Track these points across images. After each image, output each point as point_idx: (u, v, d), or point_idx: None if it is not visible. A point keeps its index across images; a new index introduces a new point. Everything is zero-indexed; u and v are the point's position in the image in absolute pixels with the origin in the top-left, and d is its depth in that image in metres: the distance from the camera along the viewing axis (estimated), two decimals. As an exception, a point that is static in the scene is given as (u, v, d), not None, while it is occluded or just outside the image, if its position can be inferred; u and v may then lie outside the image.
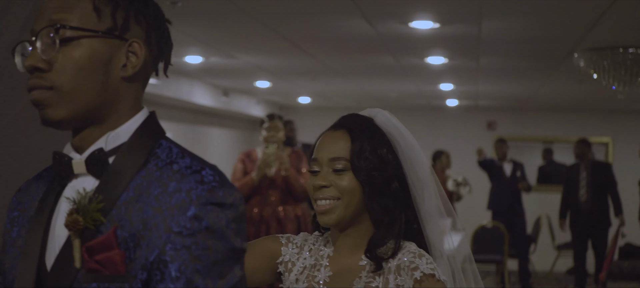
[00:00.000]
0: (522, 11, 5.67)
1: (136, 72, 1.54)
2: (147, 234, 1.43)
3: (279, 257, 2.20)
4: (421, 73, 9.39)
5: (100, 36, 1.51)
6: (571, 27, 6.18)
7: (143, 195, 1.46)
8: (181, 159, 1.49)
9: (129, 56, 1.53)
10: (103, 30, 1.51)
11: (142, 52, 1.54)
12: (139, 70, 1.54)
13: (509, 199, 11.00)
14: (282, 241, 2.22)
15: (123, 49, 1.53)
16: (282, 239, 2.22)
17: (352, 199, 2.08)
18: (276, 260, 2.20)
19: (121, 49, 1.53)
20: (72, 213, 1.46)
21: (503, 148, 11.24)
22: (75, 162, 1.52)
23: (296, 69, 9.33)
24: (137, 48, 1.53)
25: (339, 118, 2.21)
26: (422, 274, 2.03)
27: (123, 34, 1.52)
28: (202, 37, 7.05)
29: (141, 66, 1.54)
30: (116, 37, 1.52)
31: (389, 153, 2.12)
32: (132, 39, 1.53)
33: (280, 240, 2.22)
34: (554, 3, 5.39)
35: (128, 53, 1.53)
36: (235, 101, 12.08)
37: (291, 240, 2.23)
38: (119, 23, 1.52)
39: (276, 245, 2.21)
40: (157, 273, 1.42)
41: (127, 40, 1.53)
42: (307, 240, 2.23)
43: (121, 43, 1.53)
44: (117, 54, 1.52)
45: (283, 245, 2.21)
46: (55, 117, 1.51)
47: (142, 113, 1.58)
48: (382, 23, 6.19)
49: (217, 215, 1.43)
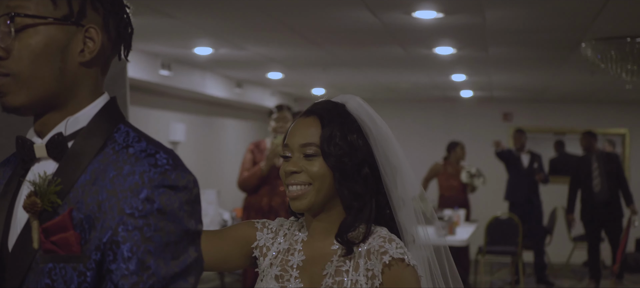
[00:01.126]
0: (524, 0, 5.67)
1: (93, 57, 1.56)
2: (101, 216, 1.47)
3: (254, 241, 2.23)
4: (431, 63, 9.39)
5: (56, 23, 1.53)
6: (576, 17, 6.17)
7: (99, 178, 1.50)
8: (137, 143, 1.53)
9: (86, 42, 1.56)
10: (59, 17, 1.54)
11: (98, 38, 1.56)
12: (96, 56, 1.57)
13: (526, 190, 10.97)
14: (257, 226, 2.25)
15: (80, 35, 1.55)
16: (258, 224, 2.25)
17: (322, 185, 2.10)
18: (251, 245, 2.23)
19: (78, 35, 1.55)
20: (30, 195, 1.50)
21: (521, 139, 11.19)
22: (36, 146, 1.56)
23: (307, 60, 9.35)
24: (93, 34, 1.56)
25: (312, 104, 2.23)
26: (391, 258, 2.05)
27: (79, 21, 1.55)
28: (211, 28, 7.09)
29: (98, 51, 1.57)
30: (72, 23, 1.54)
31: (359, 139, 2.13)
32: (89, 25, 1.56)
33: (256, 225, 2.25)
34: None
35: (85, 39, 1.56)
36: (249, 92, 12.12)
37: (266, 225, 2.25)
38: (75, 10, 1.55)
39: (251, 230, 2.24)
40: (110, 253, 1.45)
41: (83, 26, 1.55)
42: (283, 225, 2.26)
43: (78, 29, 1.55)
44: (74, 40, 1.55)
45: (258, 230, 2.24)
46: (14, 103, 1.55)
47: (103, 98, 1.61)
48: (386, 13, 6.20)
49: (169, 197, 1.46)
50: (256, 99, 12.50)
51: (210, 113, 11.84)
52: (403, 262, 2.06)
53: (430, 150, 13.18)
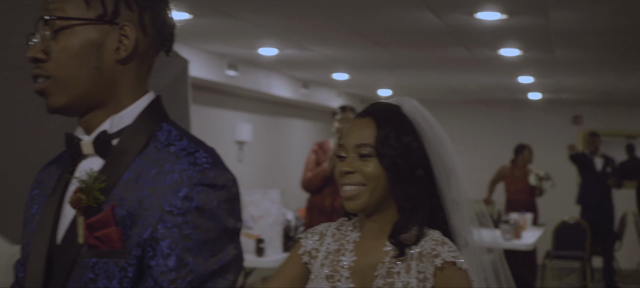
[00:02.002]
0: (589, 1, 5.59)
1: (129, 54, 1.59)
2: (142, 213, 1.50)
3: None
4: (497, 65, 9.31)
5: (91, 23, 1.57)
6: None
7: (141, 175, 1.53)
8: (178, 141, 1.56)
9: (122, 40, 1.59)
10: (93, 18, 1.57)
11: (133, 35, 1.59)
12: (131, 53, 1.60)
13: (599, 195, 10.79)
14: (301, 237, 2.29)
15: (115, 34, 1.59)
16: (301, 235, 2.29)
17: (377, 185, 2.12)
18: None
19: (113, 34, 1.58)
20: (76, 191, 1.55)
21: (595, 142, 10.99)
22: (83, 143, 1.61)
23: (372, 61, 9.35)
24: (128, 31, 1.59)
25: (367, 105, 2.25)
26: (443, 261, 2.06)
27: (114, 19, 1.58)
28: (275, 29, 7.14)
29: (133, 49, 1.59)
30: (106, 22, 1.58)
31: (413, 141, 2.14)
32: (123, 23, 1.59)
33: (300, 238, 2.29)
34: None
35: (120, 37, 1.59)
36: (315, 93, 12.16)
37: (310, 232, 2.29)
38: (109, 9, 1.58)
39: (298, 245, 2.27)
40: (150, 250, 1.49)
41: (118, 24, 1.58)
42: (330, 226, 2.28)
43: (112, 28, 1.58)
44: (109, 39, 1.58)
45: (302, 238, 2.28)
46: (56, 105, 1.60)
47: (147, 97, 1.64)
48: (449, 14, 6.19)
49: (207, 195, 1.49)
50: (322, 99, 12.53)
51: (276, 113, 11.91)
52: (455, 265, 2.06)
53: (497, 153, 13.06)
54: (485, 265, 2.27)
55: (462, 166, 2.24)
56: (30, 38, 1.61)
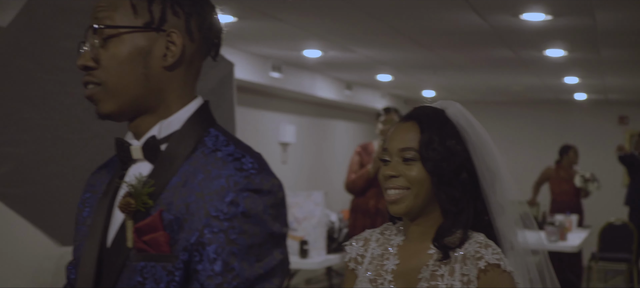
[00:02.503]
0: (636, 1, 5.55)
1: (176, 60, 1.62)
2: (189, 217, 1.52)
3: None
4: (542, 66, 9.26)
5: (138, 30, 1.60)
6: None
7: (189, 180, 1.55)
8: (225, 147, 1.58)
9: (169, 46, 1.61)
10: (140, 25, 1.60)
11: (180, 41, 1.62)
12: (178, 59, 1.62)
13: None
14: (346, 245, 2.31)
15: (162, 41, 1.61)
16: (346, 244, 2.31)
17: (421, 189, 2.13)
18: None
19: (160, 41, 1.61)
20: (125, 196, 1.58)
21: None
22: (133, 148, 1.64)
23: (416, 62, 9.34)
24: (175, 38, 1.61)
25: (411, 109, 2.26)
26: (486, 264, 2.06)
27: (160, 26, 1.61)
28: (319, 31, 7.17)
29: (180, 55, 1.62)
30: (153, 29, 1.61)
31: (457, 145, 2.15)
32: (170, 30, 1.61)
33: (345, 247, 2.30)
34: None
35: (167, 43, 1.61)
36: (359, 94, 12.16)
37: (354, 238, 2.31)
38: (156, 16, 1.61)
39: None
40: (196, 254, 1.51)
41: (165, 31, 1.61)
42: (374, 232, 2.30)
43: (159, 35, 1.61)
44: (157, 46, 1.61)
45: (347, 246, 2.30)
46: (105, 111, 1.63)
47: (195, 102, 1.67)
48: (493, 16, 6.18)
49: (253, 200, 1.51)
50: (366, 101, 12.53)
51: (320, 115, 11.93)
52: (499, 267, 2.07)
53: (542, 154, 12.97)
54: (530, 267, 2.27)
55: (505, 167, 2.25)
56: (81, 46, 1.64)
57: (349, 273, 2.28)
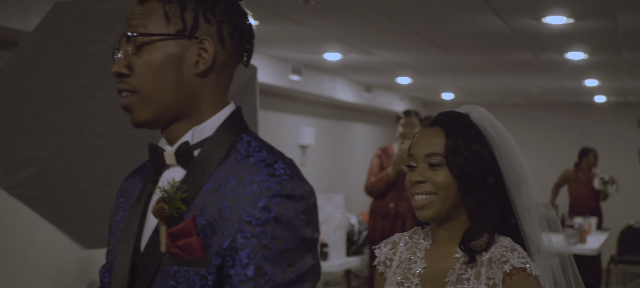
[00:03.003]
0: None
1: (208, 67, 1.63)
2: (222, 223, 1.54)
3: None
4: (562, 69, 9.24)
5: (171, 38, 1.62)
6: None
7: (222, 186, 1.57)
8: (257, 153, 1.59)
9: (201, 53, 1.63)
10: (173, 33, 1.62)
11: (212, 48, 1.63)
12: (210, 66, 1.63)
13: None
14: (375, 248, 2.32)
15: (194, 48, 1.62)
16: (375, 248, 2.33)
17: (447, 194, 2.14)
18: None
19: (192, 48, 1.62)
20: (159, 201, 1.60)
21: None
22: (166, 154, 1.65)
23: (436, 65, 9.34)
24: (207, 45, 1.62)
25: (436, 115, 2.28)
26: (511, 267, 2.07)
27: (193, 33, 1.62)
28: (339, 34, 7.18)
29: (212, 61, 1.63)
30: (185, 37, 1.62)
31: (483, 149, 2.16)
32: (202, 37, 1.63)
33: (375, 250, 2.32)
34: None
35: (200, 50, 1.63)
36: (378, 97, 12.17)
37: (383, 242, 2.32)
38: (188, 24, 1.62)
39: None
40: (229, 259, 1.53)
41: (197, 38, 1.62)
42: (403, 235, 2.31)
43: (192, 42, 1.62)
44: (189, 53, 1.62)
45: (376, 249, 2.32)
46: (141, 119, 1.65)
47: (227, 108, 1.68)
48: (515, 19, 6.18)
49: (285, 206, 1.52)
50: (385, 103, 12.53)
51: (339, 117, 11.95)
52: (524, 271, 2.07)
53: (561, 156, 12.94)
54: (556, 270, 2.28)
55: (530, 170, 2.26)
56: (115, 53, 1.66)
57: (378, 276, 2.30)
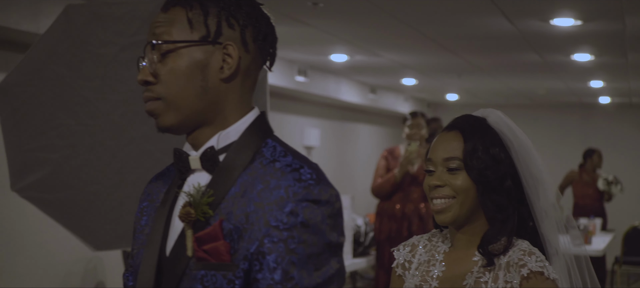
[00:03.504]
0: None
1: (232, 72, 1.64)
2: (249, 227, 1.55)
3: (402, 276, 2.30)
4: (568, 70, 9.26)
5: (195, 44, 1.63)
6: None
7: (248, 190, 1.58)
8: (283, 157, 1.60)
9: (225, 58, 1.64)
10: (197, 39, 1.63)
11: (236, 53, 1.64)
12: (235, 70, 1.64)
13: None
14: (394, 251, 2.33)
15: (218, 53, 1.63)
16: (394, 250, 2.33)
17: (466, 198, 2.15)
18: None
19: (216, 53, 1.63)
20: (185, 206, 1.60)
21: None
22: (191, 158, 1.66)
23: (442, 66, 9.36)
24: (231, 50, 1.63)
25: (453, 119, 2.28)
26: (529, 271, 2.08)
27: (216, 39, 1.63)
28: (346, 36, 7.19)
29: (237, 66, 1.64)
30: (209, 43, 1.63)
31: (501, 152, 2.17)
32: (226, 42, 1.63)
33: (394, 253, 2.33)
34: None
35: (224, 56, 1.64)
36: (383, 98, 12.18)
37: (402, 244, 2.33)
38: (211, 30, 1.63)
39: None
40: (256, 263, 1.54)
41: (221, 44, 1.63)
42: (421, 238, 2.32)
43: (216, 48, 1.63)
44: (213, 59, 1.63)
45: (395, 251, 2.32)
46: (165, 124, 1.66)
47: (252, 113, 1.69)
48: (523, 21, 6.19)
49: (312, 211, 1.54)
50: (389, 104, 12.55)
51: (344, 118, 11.96)
52: (542, 275, 2.08)
53: (565, 157, 12.94)
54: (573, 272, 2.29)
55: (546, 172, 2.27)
56: (139, 61, 1.67)
57: (396, 278, 2.30)
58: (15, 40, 5.07)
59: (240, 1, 1.66)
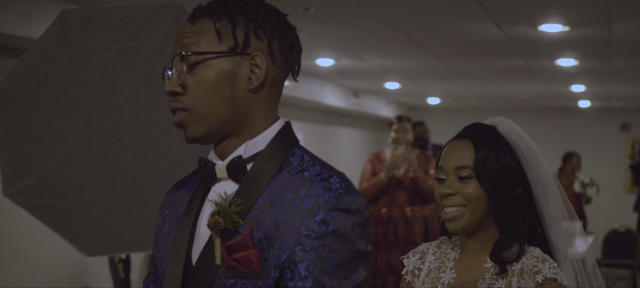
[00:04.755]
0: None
1: (260, 83, 1.64)
2: (279, 236, 1.56)
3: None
4: (552, 75, 9.32)
5: (224, 55, 1.63)
6: None
7: (277, 199, 1.59)
8: (312, 167, 1.61)
9: (253, 69, 1.64)
10: (225, 50, 1.63)
11: (264, 64, 1.64)
12: (263, 81, 1.65)
13: None
14: (403, 258, 2.34)
15: (246, 64, 1.64)
16: (403, 258, 2.34)
17: (477, 206, 2.17)
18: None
19: (245, 64, 1.64)
20: (214, 215, 1.60)
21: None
22: (217, 168, 1.66)
23: (426, 71, 9.39)
24: (259, 61, 1.64)
25: (463, 127, 2.29)
26: (544, 278, 2.10)
27: (245, 50, 1.64)
28: (334, 40, 7.20)
29: (264, 76, 1.65)
30: (237, 54, 1.63)
31: (512, 161, 2.19)
32: (254, 53, 1.64)
33: (403, 260, 2.34)
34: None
35: (252, 66, 1.64)
36: (365, 102, 12.21)
37: (412, 252, 2.34)
38: (239, 41, 1.63)
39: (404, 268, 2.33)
40: (288, 272, 1.54)
41: (249, 54, 1.64)
42: (431, 245, 2.33)
43: (244, 59, 1.64)
44: (242, 69, 1.64)
45: (404, 259, 2.33)
46: (194, 135, 1.66)
47: (279, 123, 1.70)
48: (512, 27, 6.22)
49: (343, 220, 1.55)
50: (372, 108, 12.57)
51: (327, 122, 11.98)
52: (556, 282, 2.10)
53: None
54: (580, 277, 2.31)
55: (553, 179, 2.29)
56: (165, 71, 1.67)
57: (406, 285, 2.31)
58: (7, 45, 5.04)
59: (267, 12, 1.67)
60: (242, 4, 1.66)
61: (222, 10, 1.65)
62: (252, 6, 1.66)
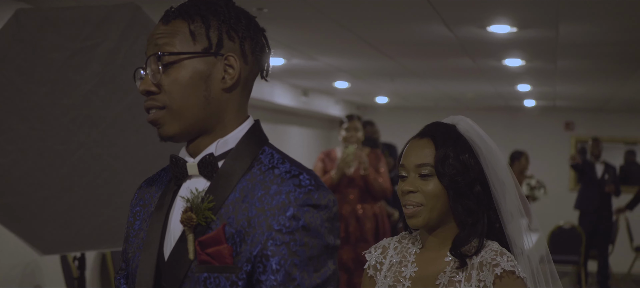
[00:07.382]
0: (599, 16, 5.72)
1: (234, 82, 1.69)
2: (251, 231, 1.61)
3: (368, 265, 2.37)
4: (499, 74, 9.45)
5: (198, 56, 1.68)
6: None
7: (248, 196, 1.64)
8: (282, 164, 1.67)
9: (227, 69, 1.69)
10: (200, 51, 1.68)
11: (237, 64, 1.69)
12: (236, 81, 1.70)
13: (598, 201, 10.84)
14: (366, 252, 2.40)
15: (220, 64, 1.69)
16: (366, 252, 2.40)
17: (437, 203, 2.23)
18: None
19: (218, 64, 1.69)
20: (186, 211, 1.65)
21: (598, 148, 11.01)
22: (189, 165, 1.71)
23: (375, 70, 9.45)
24: (232, 61, 1.69)
25: (424, 126, 2.35)
26: (502, 270, 2.17)
27: (218, 51, 1.68)
28: (286, 40, 7.23)
29: (238, 76, 1.70)
30: (212, 54, 1.68)
31: (471, 159, 2.26)
32: (227, 54, 1.69)
33: (366, 255, 2.39)
34: (632, 8, 5.44)
35: (225, 66, 1.69)
36: (315, 101, 12.25)
37: (374, 247, 2.40)
38: (213, 42, 1.68)
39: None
40: (259, 265, 1.60)
41: (222, 55, 1.68)
42: (392, 240, 2.39)
43: (217, 59, 1.68)
44: (216, 69, 1.68)
45: (366, 254, 2.39)
46: (169, 133, 1.70)
47: (248, 121, 1.75)
48: (461, 28, 6.31)
49: (312, 215, 1.60)
50: (320, 107, 12.61)
51: (277, 121, 11.99)
52: (514, 274, 2.17)
53: (491, 160, 13.15)
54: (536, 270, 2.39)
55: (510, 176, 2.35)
56: (138, 72, 1.71)
57: (367, 279, 2.36)
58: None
59: (238, 14, 1.72)
60: (214, 7, 1.70)
61: (196, 12, 1.69)
62: (224, 8, 1.70)
